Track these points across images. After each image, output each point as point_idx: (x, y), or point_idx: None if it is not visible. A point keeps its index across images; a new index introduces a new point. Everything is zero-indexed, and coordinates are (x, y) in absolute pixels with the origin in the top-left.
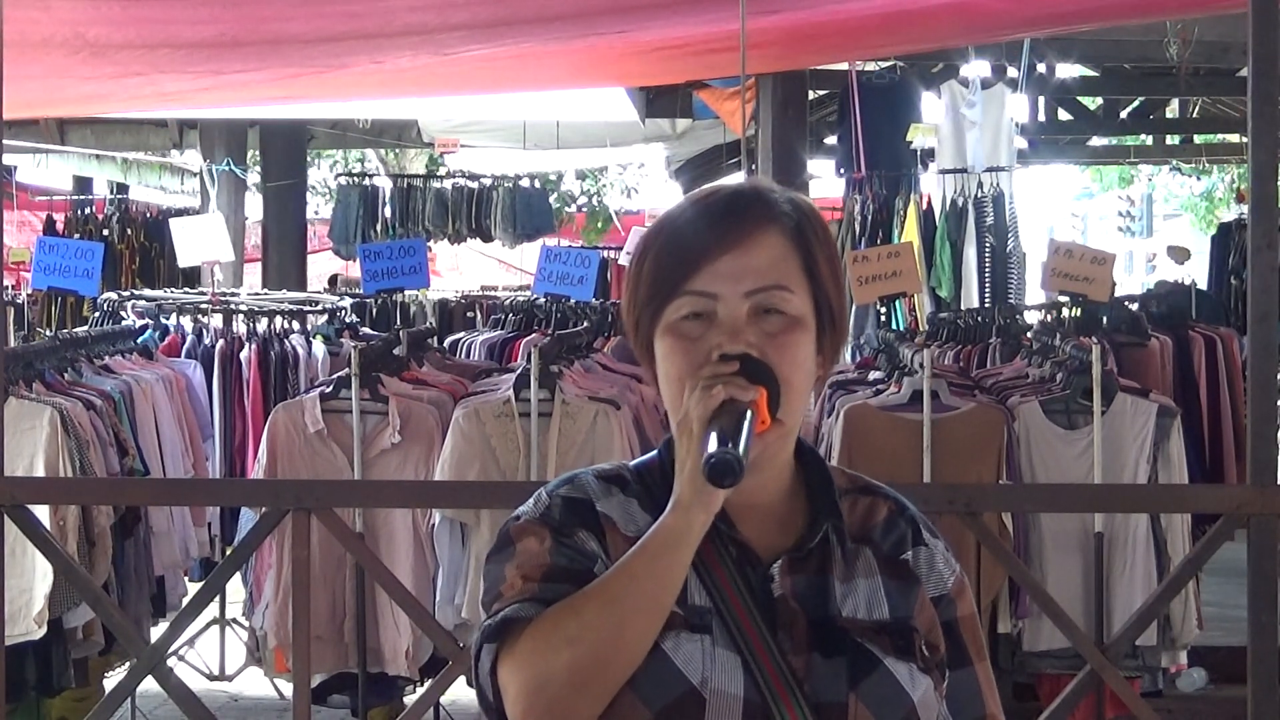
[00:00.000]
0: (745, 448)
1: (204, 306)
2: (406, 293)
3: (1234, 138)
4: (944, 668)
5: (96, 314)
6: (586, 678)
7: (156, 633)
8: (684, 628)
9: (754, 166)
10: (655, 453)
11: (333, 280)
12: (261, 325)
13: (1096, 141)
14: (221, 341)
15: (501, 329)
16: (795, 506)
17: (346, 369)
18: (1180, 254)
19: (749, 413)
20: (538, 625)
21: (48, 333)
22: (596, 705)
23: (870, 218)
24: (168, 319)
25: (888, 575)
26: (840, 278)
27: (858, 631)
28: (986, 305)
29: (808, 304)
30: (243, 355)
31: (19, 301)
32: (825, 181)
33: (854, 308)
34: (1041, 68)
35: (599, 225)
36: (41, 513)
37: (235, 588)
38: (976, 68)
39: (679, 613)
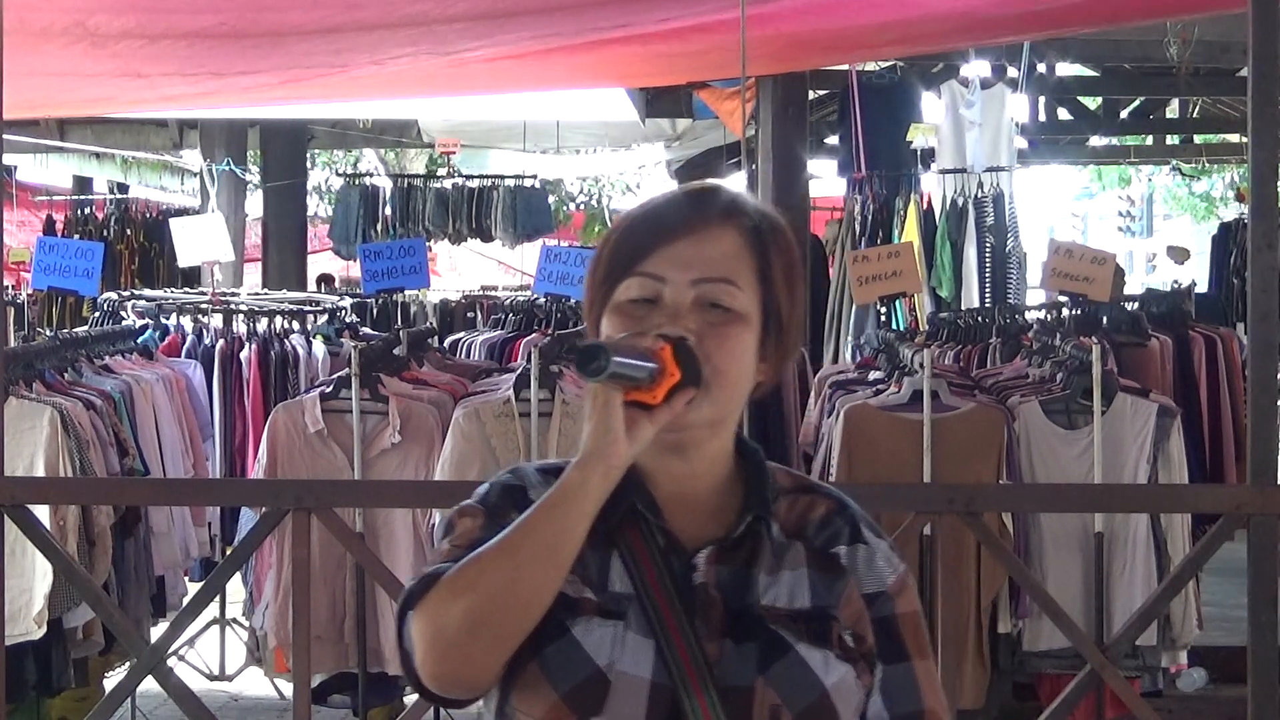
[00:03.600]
0: (625, 361)
1: (204, 306)
2: (407, 293)
3: (1234, 138)
4: (872, 659)
5: (96, 314)
6: (480, 622)
7: (156, 633)
8: (597, 613)
9: (754, 166)
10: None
11: (321, 280)
12: (261, 325)
13: (1096, 141)
14: (221, 341)
15: (501, 329)
16: (730, 501)
17: (346, 369)
18: (1180, 254)
19: (646, 351)
20: (444, 578)
21: (48, 333)
22: (492, 654)
23: (870, 218)
24: (168, 319)
25: (814, 568)
26: (798, 292)
27: (773, 618)
28: (986, 305)
29: (755, 305)
30: (243, 355)
31: (19, 301)
32: (825, 181)
33: (854, 308)
34: (1041, 68)
35: (597, 227)
36: (41, 513)
37: (235, 588)
38: (976, 68)
39: (594, 599)
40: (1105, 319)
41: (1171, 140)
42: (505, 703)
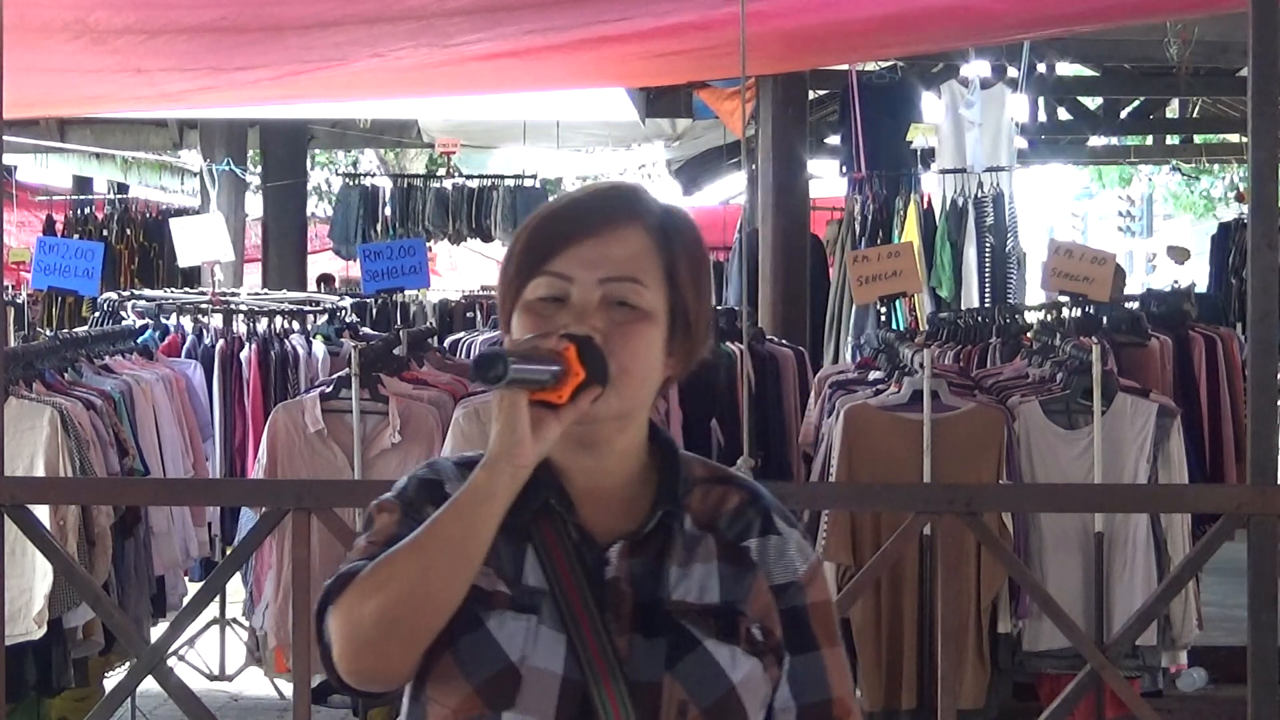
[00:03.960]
0: (524, 367)
1: (204, 306)
2: (406, 293)
3: (1234, 138)
4: (780, 652)
5: (96, 314)
6: (393, 620)
7: (156, 633)
8: (510, 607)
9: (754, 166)
10: None
11: (320, 280)
12: (261, 325)
13: (1096, 141)
14: (221, 341)
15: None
16: (643, 493)
17: (346, 369)
18: (1180, 254)
19: (549, 353)
20: (359, 577)
21: (48, 333)
22: (406, 650)
23: (870, 218)
24: (168, 319)
25: (724, 561)
26: (705, 289)
27: (681, 613)
28: (986, 305)
29: (661, 303)
30: (243, 355)
31: (19, 301)
32: (826, 181)
33: (854, 308)
34: (1041, 68)
35: None
36: (41, 513)
37: (235, 588)
38: (976, 68)
39: (507, 593)
40: (1105, 319)
41: (1171, 140)
42: (420, 691)
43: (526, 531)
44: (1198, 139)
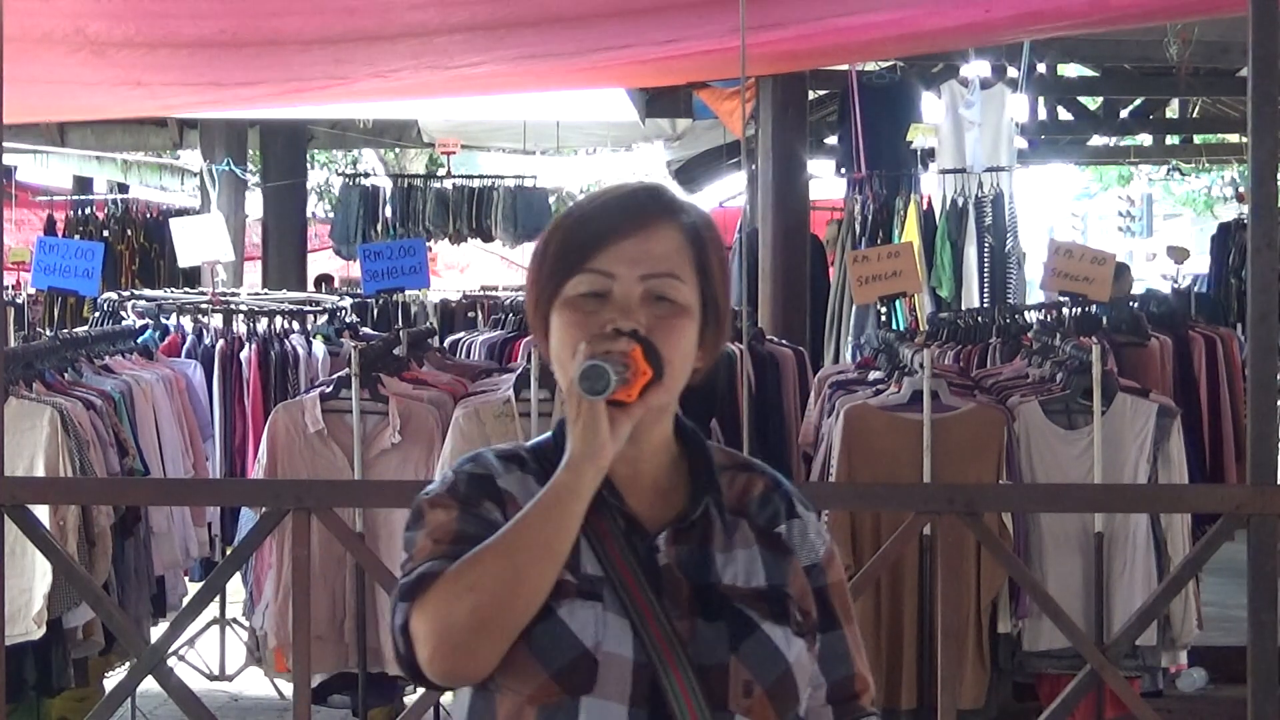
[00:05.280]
0: (618, 373)
1: (204, 306)
2: (407, 293)
3: (1234, 138)
4: (816, 632)
5: (96, 314)
6: (486, 621)
7: (156, 633)
8: (577, 595)
9: (754, 166)
10: (549, 434)
11: (320, 280)
12: (261, 325)
13: (1096, 141)
14: (221, 341)
15: (502, 329)
16: (677, 481)
17: (346, 369)
18: (1180, 254)
19: (621, 355)
20: (444, 577)
21: (48, 333)
22: (496, 648)
23: (870, 218)
24: (168, 319)
25: (763, 546)
26: (728, 282)
27: (737, 598)
28: (986, 305)
29: (695, 297)
30: (243, 355)
31: (19, 301)
32: (825, 181)
33: (854, 308)
34: (1041, 68)
35: None
36: (41, 513)
37: (235, 588)
38: (976, 68)
39: (573, 581)
40: (1105, 319)
41: (1171, 140)
42: (489, 680)
43: None
44: (1198, 139)
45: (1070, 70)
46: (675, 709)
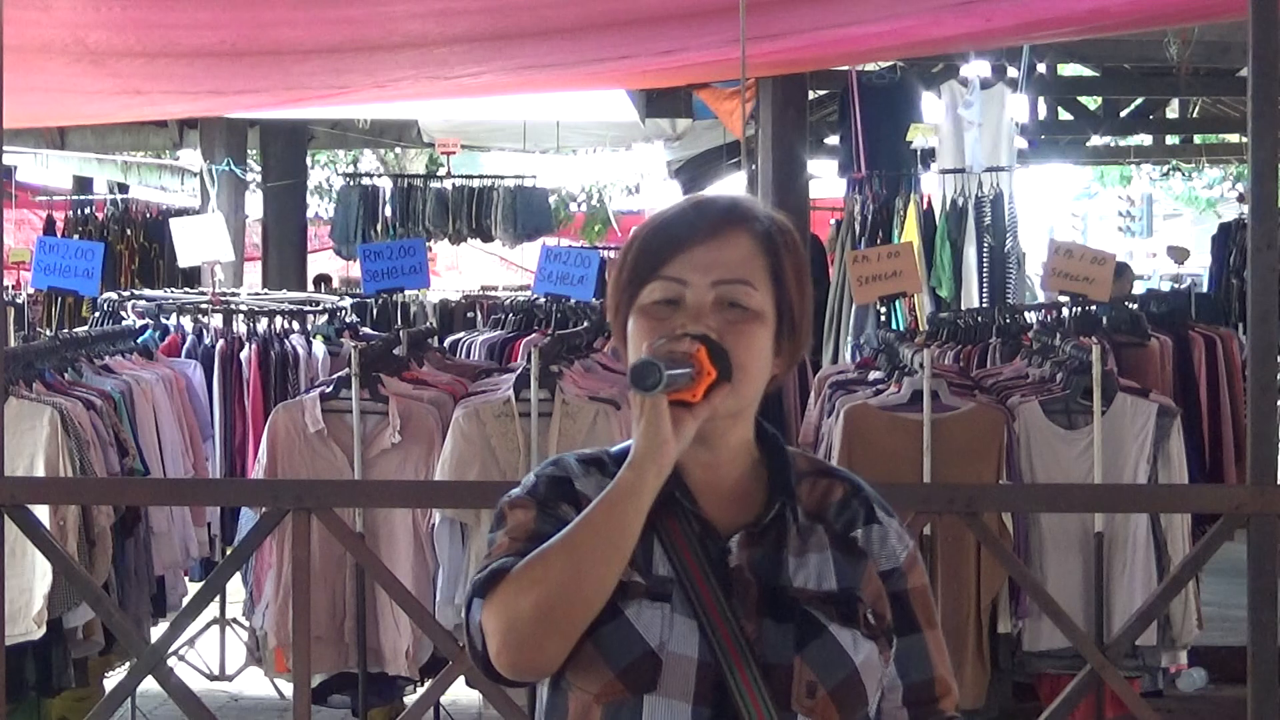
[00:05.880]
0: (674, 372)
1: (204, 306)
2: (406, 293)
3: (1234, 138)
4: (890, 635)
5: (96, 314)
6: (550, 616)
7: (156, 633)
8: (646, 596)
9: (754, 166)
10: (632, 440)
11: (319, 280)
12: (261, 325)
13: (1096, 141)
14: (221, 341)
15: (501, 329)
16: (755, 487)
17: (346, 369)
18: (1180, 254)
19: (683, 355)
20: (512, 573)
21: (48, 333)
22: (561, 643)
23: (870, 218)
24: (168, 319)
25: (838, 550)
26: (807, 289)
27: (805, 600)
28: (986, 305)
29: (769, 304)
30: (243, 355)
31: (19, 301)
32: (825, 181)
33: (854, 308)
34: (1041, 68)
35: (597, 228)
36: (41, 513)
37: (235, 588)
38: (976, 68)
39: (642, 582)
40: (1105, 319)
41: (1171, 140)
42: (560, 678)
43: (651, 523)
44: (1198, 139)
45: (1070, 70)
46: (742, 708)
